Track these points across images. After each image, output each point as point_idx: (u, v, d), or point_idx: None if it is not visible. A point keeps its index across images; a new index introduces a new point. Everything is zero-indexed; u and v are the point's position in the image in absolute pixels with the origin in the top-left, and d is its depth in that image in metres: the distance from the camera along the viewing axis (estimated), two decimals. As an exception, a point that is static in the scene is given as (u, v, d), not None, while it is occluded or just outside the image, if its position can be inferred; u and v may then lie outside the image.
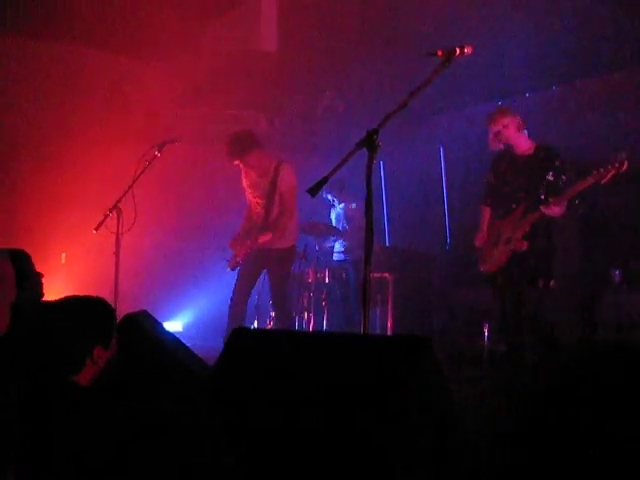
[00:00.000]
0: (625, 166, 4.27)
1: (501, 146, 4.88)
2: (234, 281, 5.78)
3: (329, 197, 7.52)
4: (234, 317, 5.68)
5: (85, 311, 2.16)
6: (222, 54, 8.69)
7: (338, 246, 7.57)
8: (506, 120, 4.80)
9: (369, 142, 2.92)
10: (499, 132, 4.83)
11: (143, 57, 8.64)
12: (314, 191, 2.95)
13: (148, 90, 8.53)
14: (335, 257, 7.58)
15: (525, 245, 4.67)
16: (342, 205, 7.54)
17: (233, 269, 5.77)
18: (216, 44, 8.81)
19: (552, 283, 4.77)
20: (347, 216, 7.46)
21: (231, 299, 5.74)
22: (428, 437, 1.89)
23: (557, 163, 4.72)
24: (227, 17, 8.68)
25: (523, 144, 4.83)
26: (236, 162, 5.72)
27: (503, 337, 5.02)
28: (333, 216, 7.68)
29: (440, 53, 3.19)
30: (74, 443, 1.91)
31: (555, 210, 4.57)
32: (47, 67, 8.20)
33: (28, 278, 3.01)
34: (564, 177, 4.66)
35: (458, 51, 3.20)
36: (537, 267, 4.70)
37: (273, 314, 6.35)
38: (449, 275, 7.18)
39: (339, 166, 3.01)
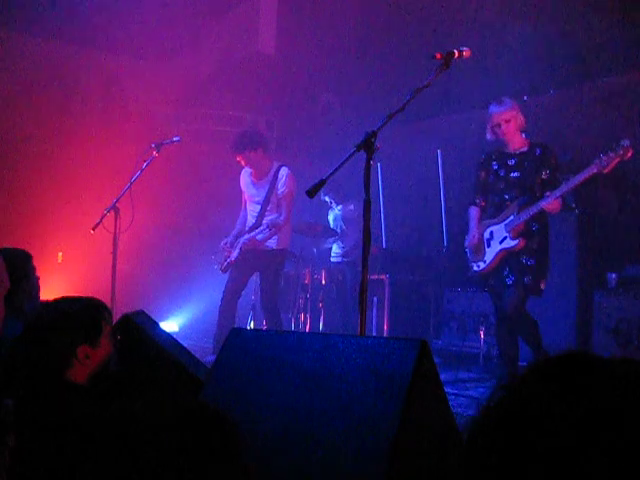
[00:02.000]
0: (630, 153, 4.08)
1: (494, 138, 4.68)
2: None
3: (327, 199, 7.53)
4: (224, 316, 5.74)
5: (68, 310, 2.19)
6: (221, 55, 8.70)
7: (335, 248, 7.57)
8: (509, 115, 4.59)
9: (367, 144, 2.93)
10: (499, 125, 4.61)
11: (142, 58, 8.65)
12: (312, 193, 2.96)
13: (147, 91, 8.54)
14: (332, 259, 7.58)
15: (522, 244, 4.49)
16: (340, 207, 7.54)
17: (225, 271, 5.81)
18: (215, 45, 8.82)
19: (542, 284, 4.56)
20: (345, 218, 7.46)
21: (222, 298, 5.78)
22: (425, 440, 1.89)
23: (552, 161, 4.57)
24: (226, 19, 8.68)
25: (517, 142, 4.65)
26: (238, 158, 5.76)
27: (500, 340, 4.81)
28: (331, 218, 7.68)
29: (439, 56, 3.21)
30: (68, 441, 1.91)
31: (555, 205, 4.38)
32: (46, 66, 8.20)
33: (28, 278, 3.01)
34: (558, 175, 4.51)
35: (457, 54, 3.22)
36: (528, 262, 4.51)
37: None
38: (446, 277, 7.18)
39: (337, 168, 3.02)
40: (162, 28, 8.03)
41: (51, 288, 6.74)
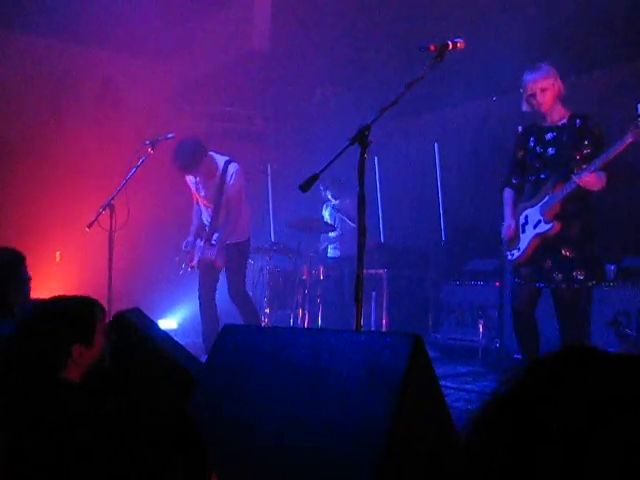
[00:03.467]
0: None
1: (530, 110, 4.14)
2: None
3: (326, 193, 7.51)
4: (206, 316, 5.71)
5: (62, 309, 2.18)
6: (215, 52, 8.68)
7: (333, 242, 7.56)
8: (545, 83, 4.02)
9: (361, 138, 2.91)
10: (534, 95, 4.05)
11: (137, 56, 8.62)
12: (306, 187, 2.94)
13: (141, 89, 8.52)
14: (330, 254, 7.57)
15: (557, 228, 3.95)
16: (337, 201, 7.53)
17: (191, 270, 5.77)
18: (209, 43, 8.80)
19: (598, 274, 4.04)
20: (342, 212, 7.44)
21: (199, 298, 5.76)
22: (421, 435, 1.88)
23: (595, 132, 4.01)
24: (220, 16, 8.66)
25: (556, 113, 4.10)
26: (187, 176, 5.69)
27: (521, 338, 4.28)
28: (327, 212, 7.66)
29: (432, 48, 3.18)
30: (65, 440, 1.89)
31: (590, 181, 3.82)
32: (40, 65, 8.18)
33: (18, 278, 3.00)
34: (604, 148, 3.91)
35: (451, 46, 3.19)
36: (572, 257, 3.96)
37: (268, 310, 6.35)
38: (444, 271, 7.17)
39: (330, 162, 3.00)
40: (157, 26, 8.00)
41: (49, 287, 6.73)
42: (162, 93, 8.52)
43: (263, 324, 6.54)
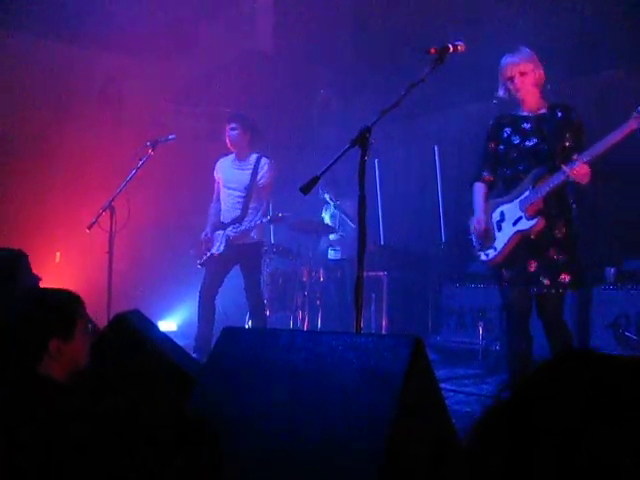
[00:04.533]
0: None
1: (506, 95, 3.88)
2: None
3: (325, 195, 7.50)
4: (202, 319, 5.69)
5: (41, 301, 2.13)
6: (218, 53, 8.69)
7: (333, 244, 7.55)
8: (526, 67, 3.80)
9: (362, 140, 2.91)
10: (511, 79, 3.81)
11: (139, 56, 8.63)
12: (306, 189, 2.94)
13: (143, 89, 8.53)
14: (330, 256, 7.56)
15: (541, 224, 3.69)
16: (338, 203, 7.52)
17: (203, 266, 5.77)
18: (212, 43, 8.81)
19: (581, 278, 3.78)
20: (342, 215, 7.44)
21: (200, 295, 5.74)
22: (420, 437, 1.88)
23: (577, 124, 3.80)
24: (223, 16, 8.67)
25: (534, 101, 3.86)
26: (228, 126, 5.76)
27: (512, 341, 3.93)
28: (327, 214, 7.66)
29: (433, 51, 3.18)
30: (60, 439, 1.88)
31: (582, 172, 3.54)
32: (42, 66, 8.18)
33: (14, 279, 2.98)
34: (585, 140, 3.72)
35: (451, 49, 3.19)
36: (559, 259, 3.69)
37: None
38: (444, 273, 7.16)
39: (331, 164, 3.00)
40: (159, 27, 8.01)
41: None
42: (164, 94, 8.53)
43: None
